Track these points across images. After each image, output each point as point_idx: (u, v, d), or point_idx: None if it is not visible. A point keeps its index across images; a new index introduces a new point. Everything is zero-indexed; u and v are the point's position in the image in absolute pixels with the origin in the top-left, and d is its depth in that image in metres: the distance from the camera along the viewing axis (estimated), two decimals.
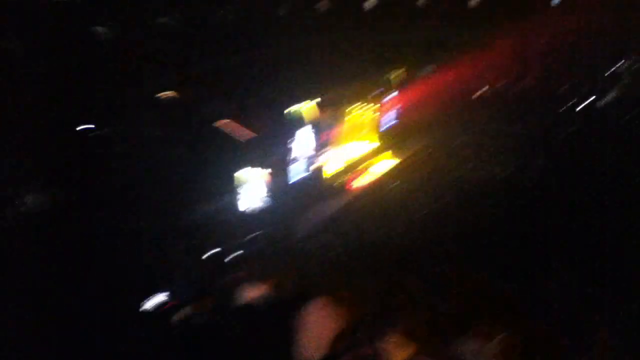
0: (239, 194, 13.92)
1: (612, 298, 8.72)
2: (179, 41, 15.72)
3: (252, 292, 9.42)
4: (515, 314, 6.76)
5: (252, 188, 14.12)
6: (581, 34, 20.67)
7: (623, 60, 21.36)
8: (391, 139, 19.79)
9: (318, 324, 8.57)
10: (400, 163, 18.53)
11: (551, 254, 9.87)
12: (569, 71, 21.69)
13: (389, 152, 18.94)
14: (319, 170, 16.52)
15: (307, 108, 15.80)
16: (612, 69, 21.45)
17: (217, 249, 11.99)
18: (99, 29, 13.96)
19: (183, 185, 12.85)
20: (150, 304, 9.58)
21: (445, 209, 14.06)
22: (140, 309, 9.50)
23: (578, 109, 20.68)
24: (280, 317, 8.31)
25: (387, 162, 18.51)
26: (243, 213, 13.90)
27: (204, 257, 11.72)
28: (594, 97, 20.97)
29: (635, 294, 8.51)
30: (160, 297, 9.64)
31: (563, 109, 20.96)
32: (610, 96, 20.92)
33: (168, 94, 15.28)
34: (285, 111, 15.33)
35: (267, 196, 14.25)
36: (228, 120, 14.58)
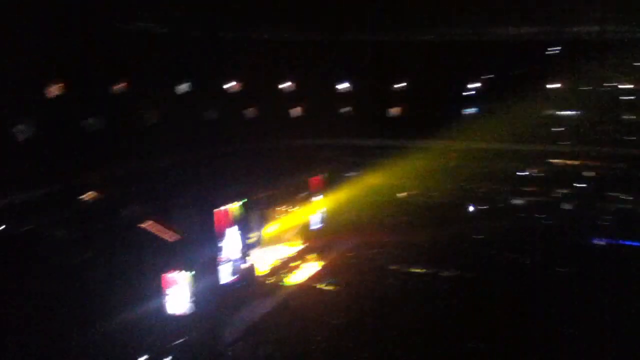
0: (166, 297, 13.30)
1: None
2: (102, 141, 15.64)
3: None
4: None
5: (179, 291, 13.52)
6: None
7: None
8: (318, 240, 20.04)
9: None
10: (327, 264, 18.55)
11: None
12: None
13: (316, 254, 18.99)
14: (251, 269, 16.21)
15: (234, 208, 15.72)
16: None
17: (145, 357, 11.19)
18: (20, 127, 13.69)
19: (107, 289, 12.15)
20: None
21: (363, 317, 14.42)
22: None
23: None
24: None
25: (314, 264, 18.47)
26: (170, 317, 13.20)
27: None
28: None
29: None
30: None
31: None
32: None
33: (90, 194, 14.87)
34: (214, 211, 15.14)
35: (195, 299, 13.61)
36: (151, 222, 14.21)
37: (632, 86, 23.14)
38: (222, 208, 15.41)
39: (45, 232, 12.46)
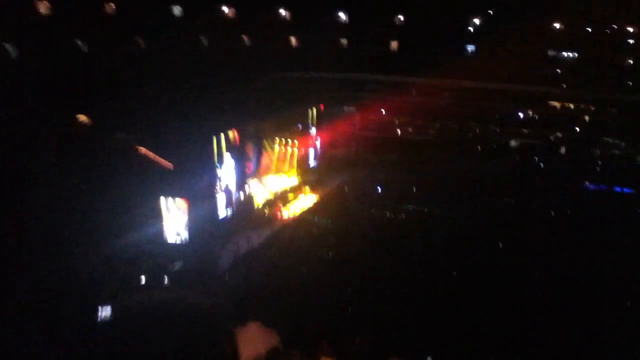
0: (163, 223, 13.30)
1: None
2: (97, 69, 15.24)
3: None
4: None
5: (176, 218, 13.50)
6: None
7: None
8: (312, 174, 20.05)
9: (251, 345, 8.42)
10: (322, 197, 18.64)
11: None
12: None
13: (310, 187, 19.03)
14: (249, 199, 16.21)
15: (229, 137, 15.52)
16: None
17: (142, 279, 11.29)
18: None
19: (102, 214, 12.09)
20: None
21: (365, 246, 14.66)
22: None
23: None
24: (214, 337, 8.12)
25: (308, 196, 18.53)
26: (167, 243, 13.25)
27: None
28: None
29: None
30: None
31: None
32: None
33: (82, 118, 14.57)
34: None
35: (192, 226, 13.61)
36: (145, 149, 14.03)
37: (633, 29, 22.85)
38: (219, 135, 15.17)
39: (39, 159, 12.33)
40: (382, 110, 23.30)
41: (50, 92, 13.63)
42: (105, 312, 9.44)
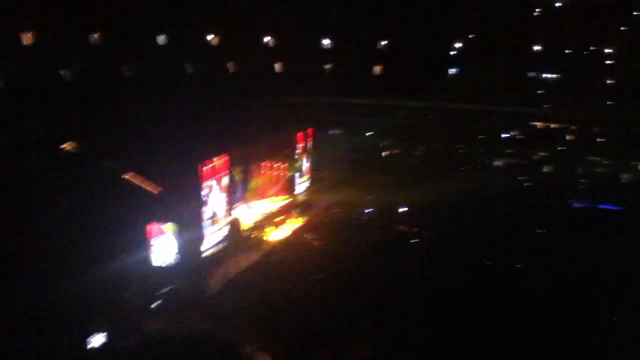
0: (151, 247, 13.28)
1: None
2: (84, 96, 15.37)
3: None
4: None
5: (164, 242, 13.49)
6: None
7: None
8: (301, 197, 20.13)
9: None
10: (311, 219, 18.68)
11: None
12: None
13: (299, 210, 19.08)
14: (236, 222, 16.24)
15: (219, 162, 15.59)
16: None
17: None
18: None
19: (91, 240, 12.08)
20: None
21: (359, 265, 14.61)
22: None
23: None
24: None
25: (297, 219, 18.56)
26: (156, 267, 13.21)
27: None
28: None
29: None
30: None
31: None
32: None
33: (70, 145, 14.64)
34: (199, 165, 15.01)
35: (180, 251, 13.60)
36: (133, 174, 14.08)
37: (613, 50, 23.45)
38: (207, 161, 15.23)
39: (28, 184, 12.34)
40: (368, 133, 23.55)
41: (37, 119, 13.74)
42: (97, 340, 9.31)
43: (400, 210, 19.32)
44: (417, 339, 10.91)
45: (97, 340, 9.12)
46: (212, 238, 15.12)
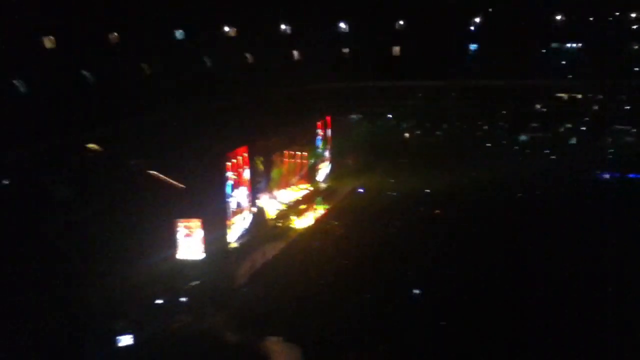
0: (179, 243, 13.63)
1: None
2: (106, 94, 15.64)
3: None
4: None
5: (192, 237, 13.81)
6: None
7: None
8: (323, 184, 20.31)
9: None
10: (334, 206, 18.81)
11: None
12: None
13: (322, 198, 19.22)
14: (261, 213, 16.49)
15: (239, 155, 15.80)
16: None
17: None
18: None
19: (119, 239, 12.44)
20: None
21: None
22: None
23: None
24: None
25: (320, 207, 18.71)
26: (184, 262, 13.55)
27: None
28: None
29: None
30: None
31: None
32: None
33: (93, 147, 14.96)
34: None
35: (206, 245, 13.89)
36: (157, 173, 14.39)
37: (634, 15, 22.76)
38: (229, 155, 15.44)
39: (57, 187, 12.72)
40: (389, 115, 23.46)
41: (61, 122, 14.06)
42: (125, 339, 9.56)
43: (424, 192, 19.29)
44: (446, 332, 10.85)
45: (125, 339, 9.36)
46: (237, 230, 15.44)
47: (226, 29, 20.07)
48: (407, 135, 23.26)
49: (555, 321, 10.71)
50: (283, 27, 21.46)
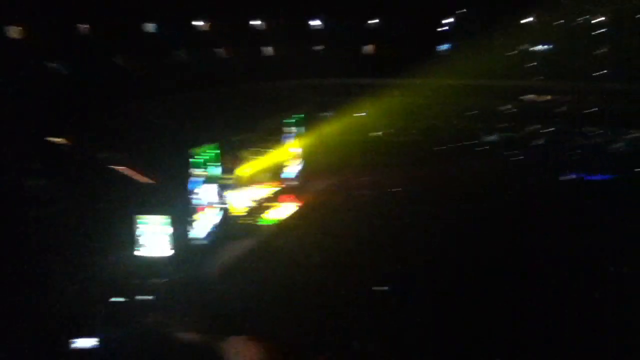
0: (145, 239, 13.35)
1: None
2: (72, 87, 15.31)
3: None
4: None
5: (158, 233, 13.54)
6: None
7: None
8: (294, 181, 20.13)
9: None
10: (305, 203, 18.70)
11: None
12: None
13: (291, 195, 19.09)
14: (231, 210, 16.31)
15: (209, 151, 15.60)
16: None
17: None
18: None
19: (84, 234, 12.16)
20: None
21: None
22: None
23: None
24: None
25: (289, 204, 18.58)
26: (151, 259, 13.27)
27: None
28: None
29: None
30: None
31: None
32: None
33: (59, 140, 14.61)
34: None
35: (174, 241, 13.64)
36: (124, 167, 14.11)
37: (604, 19, 23.19)
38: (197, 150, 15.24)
39: (20, 181, 12.38)
40: (362, 113, 23.44)
41: (27, 114, 13.71)
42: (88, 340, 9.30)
43: (394, 190, 19.31)
44: (423, 330, 10.69)
45: (88, 340, 9.08)
46: (206, 227, 15.21)
47: (199, 22, 19.83)
48: (380, 133, 23.29)
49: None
50: (257, 22, 21.26)
